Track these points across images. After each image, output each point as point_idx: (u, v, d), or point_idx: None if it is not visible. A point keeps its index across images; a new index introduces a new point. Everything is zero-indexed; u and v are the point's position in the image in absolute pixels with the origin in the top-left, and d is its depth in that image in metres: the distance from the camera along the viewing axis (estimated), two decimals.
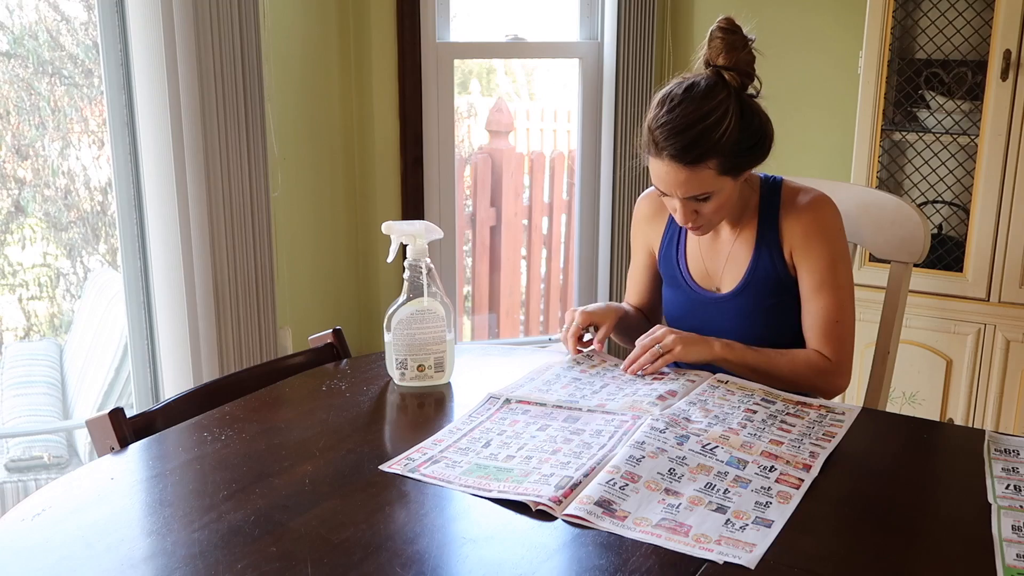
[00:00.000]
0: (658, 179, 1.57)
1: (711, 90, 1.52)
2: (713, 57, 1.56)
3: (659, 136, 1.52)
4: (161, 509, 1.16)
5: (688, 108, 1.51)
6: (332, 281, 3.08)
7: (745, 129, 1.53)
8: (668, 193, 1.57)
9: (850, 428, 1.40)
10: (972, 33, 2.56)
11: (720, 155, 1.51)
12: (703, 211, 1.59)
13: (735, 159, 1.53)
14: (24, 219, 3.03)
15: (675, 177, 1.53)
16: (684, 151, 1.50)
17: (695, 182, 1.53)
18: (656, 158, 1.54)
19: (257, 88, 2.46)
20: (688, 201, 1.57)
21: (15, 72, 2.78)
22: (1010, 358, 2.51)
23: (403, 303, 1.53)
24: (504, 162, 3.96)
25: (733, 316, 1.69)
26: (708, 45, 1.57)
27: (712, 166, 1.52)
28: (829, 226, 1.63)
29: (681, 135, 1.50)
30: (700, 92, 1.52)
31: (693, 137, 1.50)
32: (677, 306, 1.77)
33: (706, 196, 1.55)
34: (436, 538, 1.10)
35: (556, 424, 1.38)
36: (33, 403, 3.14)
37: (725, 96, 1.52)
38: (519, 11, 3.47)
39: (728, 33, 1.56)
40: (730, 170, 1.54)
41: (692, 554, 1.05)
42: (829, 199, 1.65)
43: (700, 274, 1.74)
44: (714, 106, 1.51)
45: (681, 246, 1.76)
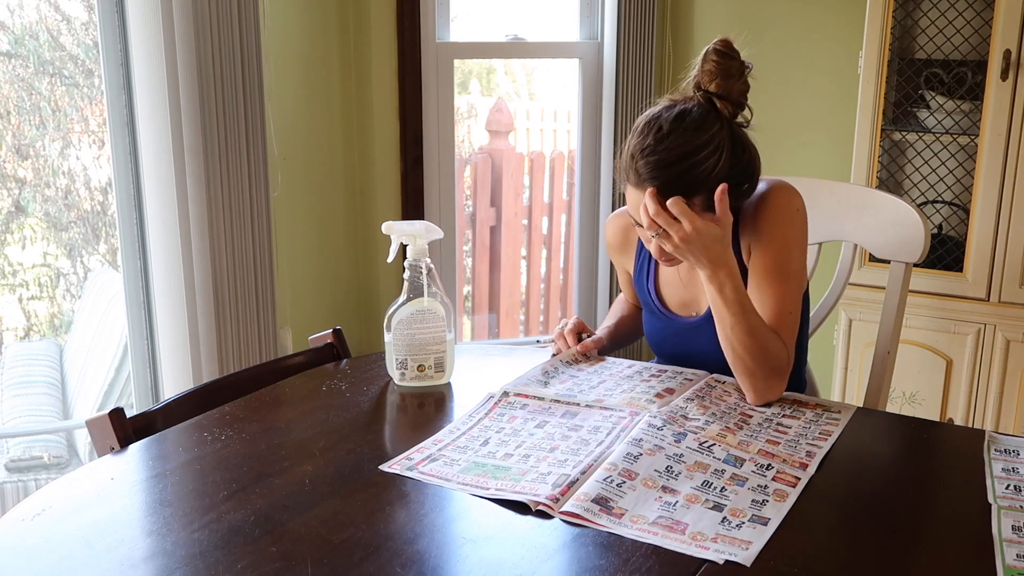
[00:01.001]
0: (635, 210, 1.45)
1: (703, 121, 1.42)
2: (706, 82, 1.44)
3: (643, 168, 1.41)
4: (161, 509, 1.16)
5: (677, 140, 1.41)
6: (332, 281, 3.08)
7: (735, 165, 1.44)
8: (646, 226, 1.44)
9: (850, 428, 1.40)
10: (972, 33, 2.56)
11: (707, 190, 1.41)
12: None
13: None
14: (24, 219, 3.03)
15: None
16: (669, 185, 1.40)
17: None
18: (637, 188, 1.43)
19: (257, 88, 2.46)
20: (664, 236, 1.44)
21: (16, 72, 2.78)
22: (1010, 358, 2.51)
23: (403, 303, 1.53)
24: (504, 162, 3.96)
25: (710, 340, 1.53)
26: (701, 67, 1.45)
27: (696, 203, 1.41)
28: (784, 210, 1.49)
29: (668, 169, 1.40)
30: (691, 124, 1.41)
31: (679, 172, 1.40)
32: (656, 332, 1.70)
33: None
34: (436, 538, 1.10)
35: (554, 420, 1.38)
36: (33, 403, 3.15)
37: (718, 129, 1.42)
38: (519, 11, 3.47)
39: (724, 58, 1.44)
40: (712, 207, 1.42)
41: (688, 552, 1.05)
42: (785, 184, 1.52)
43: (676, 300, 1.65)
44: (706, 140, 1.41)
45: (651, 274, 1.68)
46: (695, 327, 1.62)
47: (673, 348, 1.67)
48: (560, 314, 4.14)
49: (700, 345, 1.60)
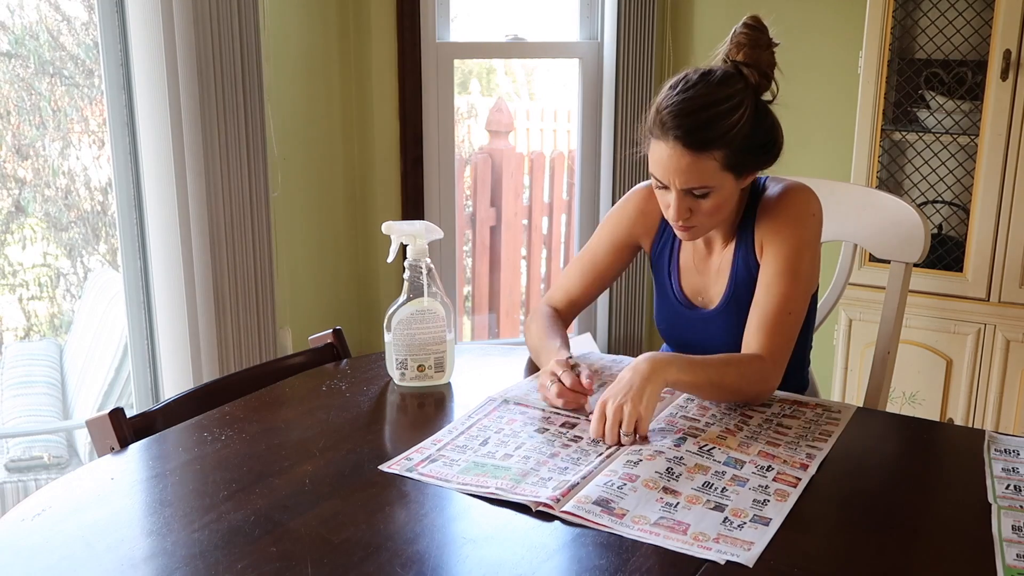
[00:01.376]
0: (658, 165, 1.47)
1: (728, 78, 1.46)
2: (733, 54, 1.49)
3: (667, 116, 1.43)
4: (161, 509, 1.16)
5: (702, 90, 1.44)
6: (332, 281, 3.08)
7: (757, 126, 1.47)
8: (665, 182, 1.47)
9: (850, 428, 1.40)
10: (972, 33, 2.56)
11: (727, 146, 1.43)
12: (698, 210, 1.48)
13: (742, 155, 1.45)
14: (24, 219, 3.03)
15: (677, 163, 1.44)
16: (691, 133, 1.42)
17: (696, 171, 1.44)
18: (660, 140, 1.45)
19: (257, 88, 2.46)
20: (685, 195, 1.47)
21: (16, 72, 2.78)
22: (1010, 358, 2.51)
23: (403, 303, 1.53)
24: (504, 162, 3.96)
25: (721, 332, 1.60)
26: (730, 42, 1.50)
27: (717, 157, 1.43)
28: (800, 211, 1.53)
29: (691, 116, 1.42)
30: (716, 78, 1.46)
31: (704, 120, 1.42)
32: (668, 317, 1.70)
33: (705, 191, 1.46)
34: (436, 538, 1.10)
35: (554, 428, 1.38)
36: (33, 403, 3.15)
37: (742, 87, 1.46)
38: (519, 11, 3.47)
39: (753, 30, 1.49)
40: (735, 166, 1.46)
41: (690, 553, 1.05)
42: (805, 187, 1.56)
43: (692, 290, 1.66)
44: (730, 93, 1.44)
45: (675, 257, 1.67)
46: (706, 319, 1.63)
47: (683, 336, 1.66)
48: None
49: (709, 336, 1.62)
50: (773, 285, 1.51)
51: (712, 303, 1.64)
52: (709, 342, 1.61)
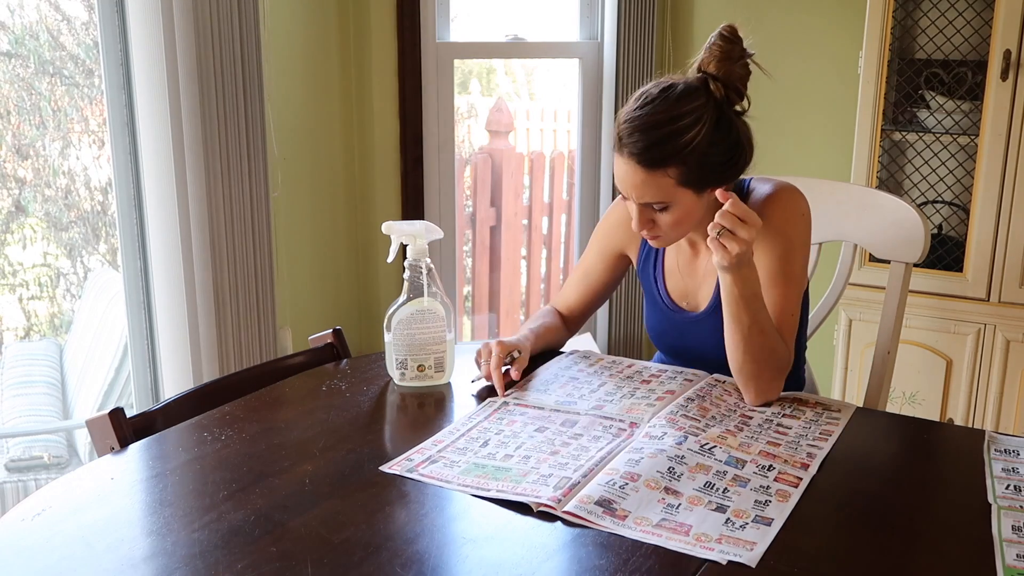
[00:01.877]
0: (617, 178, 1.48)
1: (688, 94, 1.44)
2: (705, 64, 1.48)
3: (623, 131, 1.44)
4: (161, 509, 1.16)
5: (660, 107, 1.43)
6: (332, 281, 3.08)
7: (717, 143, 1.44)
8: (625, 195, 1.49)
9: (850, 428, 1.40)
10: (972, 33, 2.56)
11: (682, 164, 1.42)
12: (660, 222, 1.49)
13: (699, 171, 1.44)
14: (24, 219, 3.03)
15: (632, 178, 1.45)
16: (644, 151, 1.42)
17: (652, 187, 1.44)
18: (618, 154, 1.46)
19: (257, 88, 2.46)
20: (644, 207, 1.48)
21: (16, 72, 2.78)
22: (1010, 358, 2.51)
23: (403, 303, 1.53)
24: (504, 162, 3.96)
25: (710, 334, 1.57)
26: (705, 51, 1.49)
27: (672, 175, 1.43)
28: (789, 214, 1.52)
29: (644, 134, 1.42)
30: (675, 95, 1.44)
31: (656, 139, 1.42)
32: (657, 323, 1.70)
33: (663, 206, 1.46)
34: (436, 538, 1.10)
35: (554, 428, 1.38)
36: (33, 403, 3.14)
37: (702, 104, 1.44)
38: (519, 11, 3.47)
39: (726, 42, 1.48)
40: (692, 183, 1.44)
41: (693, 553, 1.05)
42: (792, 187, 1.55)
43: (679, 293, 1.66)
44: (687, 111, 1.43)
45: (659, 263, 1.68)
46: (695, 322, 1.64)
47: (673, 341, 1.67)
48: None
49: (700, 340, 1.62)
50: (769, 288, 1.50)
51: (700, 306, 1.63)
52: (699, 345, 1.61)
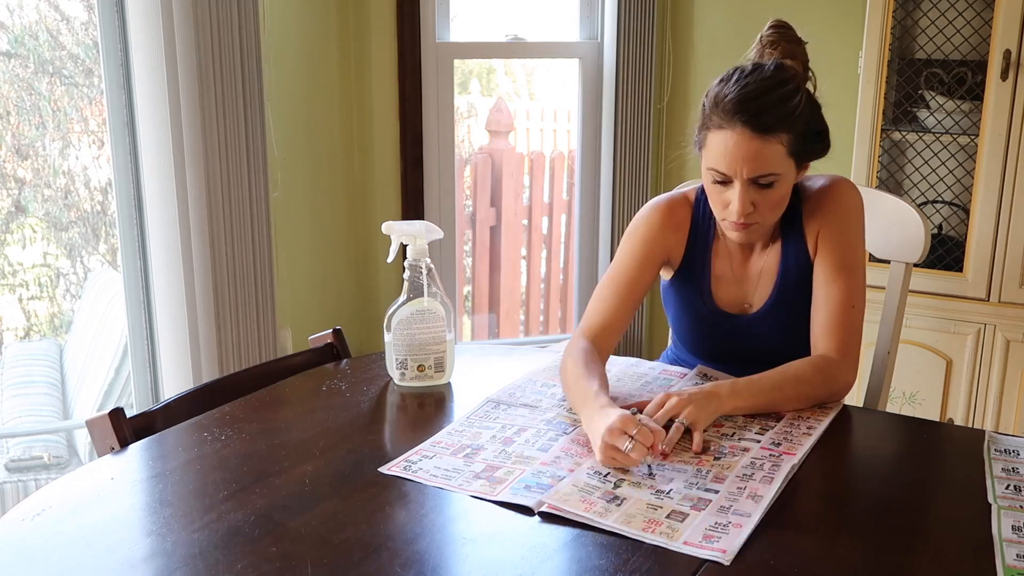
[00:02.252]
0: (722, 155, 1.43)
1: (781, 67, 1.46)
2: (769, 53, 1.50)
3: (730, 104, 1.41)
4: (161, 509, 1.16)
5: (762, 76, 1.44)
6: (332, 281, 3.08)
7: (814, 112, 1.47)
8: (730, 173, 1.43)
9: (850, 428, 1.40)
10: (972, 33, 2.56)
11: (791, 130, 1.42)
12: (761, 203, 1.45)
13: (804, 141, 1.45)
14: (24, 219, 3.03)
15: (744, 149, 1.41)
16: (757, 116, 1.40)
17: (765, 157, 1.42)
18: (724, 129, 1.42)
19: (257, 88, 2.46)
20: (749, 186, 1.44)
21: (15, 72, 2.78)
22: (1010, 358, 2.51)
23: (403, 303, 1.53)
24: (504, 162, 3.96)
25: (764, 336, 1.57)
26: (760, 45, 1.51)
27: (784, 141, 1.42)
28: (850, 206, 1.54)
29: (756, 100, 1.41)
30: (771, 67, 1.46)
31: (770, 103, 1.41)
32: (694, 330, 1.65)
33: (771, 180, 1.43)
34: (436, 538, 1.10)
35: (553, 432, 1.38)
36: (33, 403, 3.14)
37: (794, 74, 1.47)
38: (519, 11, 3.47)
39: (781, 29, 1.52)
40: (797, 153, 1.45)
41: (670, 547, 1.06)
42: (847, 180, 1.58)
43: (729, 298, 1.61)
44: (787, 78, 1.45)
45: (708, 267, 1.62)
46: (750, 323, 1.60)
47: (719, 345, 1.62)
48: (560, 314, 4.14)
49: (752, 342, 1.59)
50: (833, 282, 1.51)
51: (754, 307, 1.60)
52: (751, 348, 1.58)
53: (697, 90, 3.20)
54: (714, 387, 1.40)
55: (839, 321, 1.49)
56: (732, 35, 3.06)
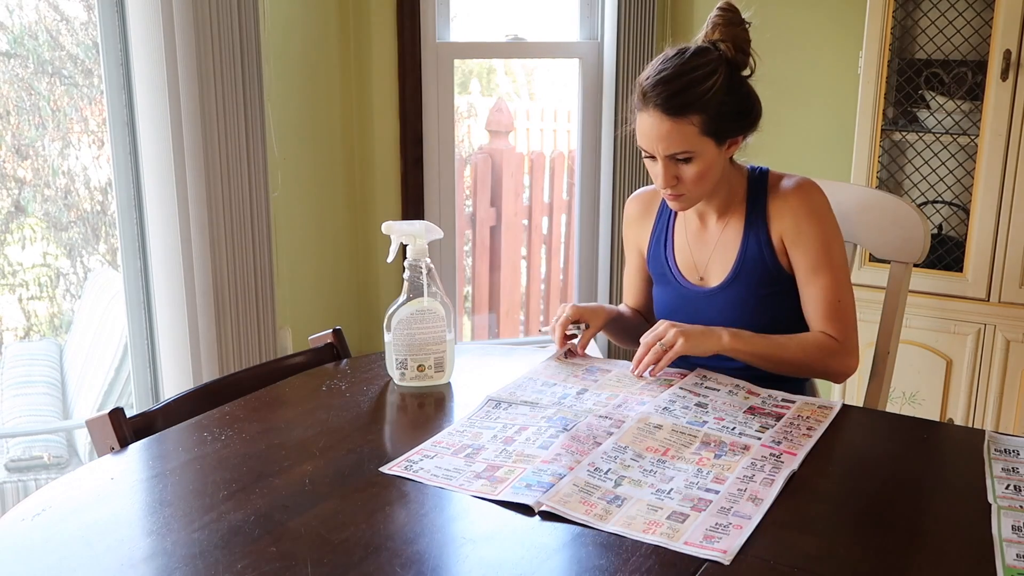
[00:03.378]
0: (643, 135, 1.58)
1: (701, 51, 1.56)
2: (710, 35, 1.59)
3: (647, 87, 1.55)
4: (161, 509, 1.16)
5: (677, 61, 1.55)
6: (332, 281, 3.08)
7: (732, 92, 1.56)
8: (650, 151, 1.58)
9: (850, 428, 1.40)
10: (972, 33, 2.56)
11: (704, 111, 1.53)
12: (684, 176, 1.58)
13: (719, 121, 1.54)
14: (24, 219, 3.03)
15: (658, 129, 1.54)
16: (668, 100, 1.52)
17: (677, 137, 1.54)
18: (643, 111, 1.56)
19: (257, 88, 2.46)
20: (669, 162, 1.57)
21: (15, 72, 2.78)
22: (1010, 358, 2.51)
23: (403, 303, 1.53)
24: (504, 162, 3.96)
25: (724, 309, 1.67)
26: (706, 26, 1.60)
27: (695, 122, 1.53)
28: (817, 207, 1.63)
29: (667, 84, 1.53)
30: (691, 52, 1.56)
31: (679, 87, 1.52)
32: (667, 303, 1.77)
33: (687, 156, 1.55)
34: (436, 538, 1.10)
35: (554, 430, 1.38)
36: (33, 403, 3.14)
37: (715, 58, 1.56)
38: (519, 11, 3.47)
39: (726, 11, 1.60)
40: (713, 132, 1.55)
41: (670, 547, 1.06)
42: (814, 183, 1.66)
43: (688, 268, 1.74)
44: (703, 63, 1.54)
45: (669, 242, 1.76)
46: (706, 296, 1.70)
47: (685, 317, 1.68)
48: None
49: (712, 314, 1.67)
50: (814, 282, 1.63)
51: (712, 280, 1.70)
52: (711, 319, 1.64)
53: None
54: (716, 328, 1.56)
55: (829, 314, 1.62)
56: None
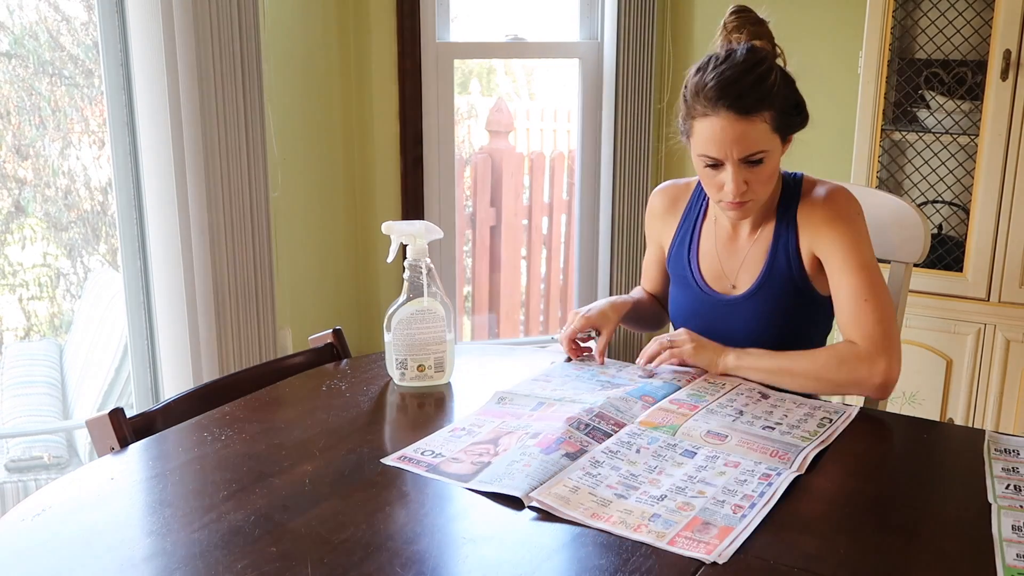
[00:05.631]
0: (710, 140, 1.50)
1: (752, 48, 1.51)
2: (735, 39, 1.54)
3: (711, 91, 1.47)
4: (161, 509, 1.16)
5: (735, 61, 1.49)
6: (332, 281, 3.08)
7: (789, 86, 1.53)
8: (720, 157, 1.50)
9: (850, 428, 1.40)
10: (972, 33, 2.56)
11: (773, 107, 1.48)
12: (754, 180, 1.51)
13: (785, 117, 1.51)
14: (24, 219, 3.03)
15: (732, 132, 1.47)
16: (739, 99, 1.46)
17: (752, 136, 1.48)
18: (709, 116, 1.49)
19: (257, 88, 2.46)
20: (741, 166, 1.50)
21: (15, 72, 2.78)
22: (1010, 358, 2.51)
23: (403, 303, 1.53)
24: (504, 162, 3.96)
25: (746, 318, 1.63)
26: (724, 31, 1.56)
27: (767, 119, 1.48)
28: (845, 214, 1.57)
29: (736, 84, 1.47)
30: (743, 50, 1.51)
31: (749, 84, 1.47)
32: (685, 307, 1.72)
33: (760, 156, 1.49)
34: (436, 538, 1.10)
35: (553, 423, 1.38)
36: (33, 403, 3.14)
37: (768, 53, 1.52)
38: (519, 11, 3.47)
39: (741, 12, 1.56)
40: (781, 127, 1.51)
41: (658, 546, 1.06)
42: (847, 190, 1.61)
43: (713, 275, 1.68)
44: (759, 59, 1.49)
45: (694, 245, 1.71)
46: (732, 304, 1.65)
47: (704, 324, 1.66)
48: (560, 314, 4.14)
49: (733, 322, 1.63)
50: (842, 283, 1.55)
51: (739, 288, 1.65)
52: (731, 328, 1.62)
53: None
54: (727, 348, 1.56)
55: (852, 318, 1.53)
56: None
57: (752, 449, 1.29)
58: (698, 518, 1.12)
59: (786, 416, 1.41)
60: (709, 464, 1.25)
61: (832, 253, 1.56)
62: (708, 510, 1.14)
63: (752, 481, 1.21)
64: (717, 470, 1.24)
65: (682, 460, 1.27)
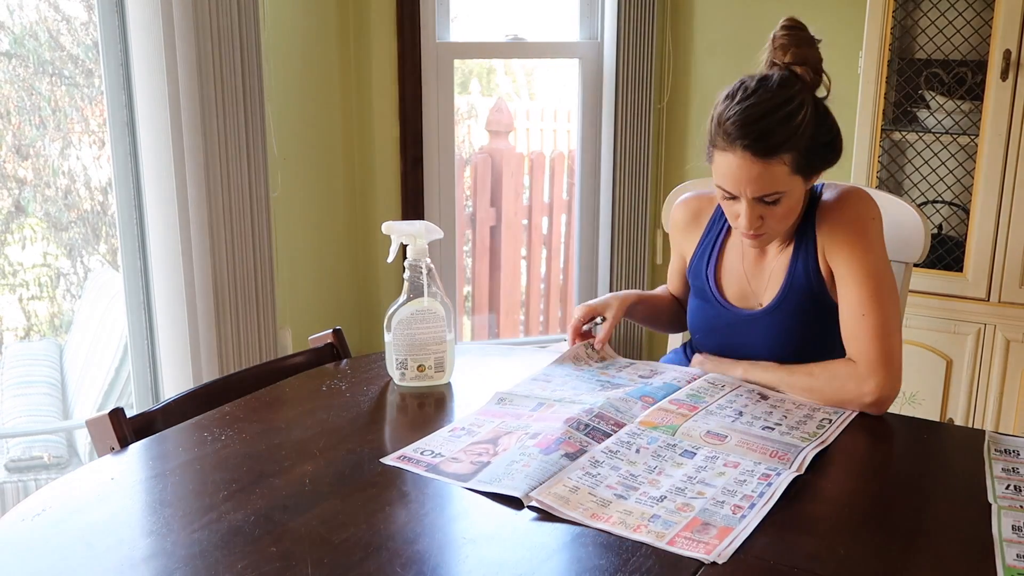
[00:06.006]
0: (726, 176, 1.45)
1: (786, 81, 1.44)
2: (780, 57, 1.47)
3: (731, 127, 1.41)
4: (161, 509, 1.16)
5: (764, 96, 1.42)
6: (332, 281, 3.08)
7: (820, 124, 1.45)
8: (735, 193, 1.46)
9: (850, 428, 1.40)
10: (972, 33, 2.56)
11: (795, 149, 1.42)
12: (769, 217, 1.47)
13: (810, 157, 1.44)
14: (24, 219, 3.03)
15: (747, 172, 1.42)
16: (759, 140, 1.40)
17: (767, 178, 1.42)
18: (727, 151, 1.43)
19: (257, 88, 2.46)
20: (756, 204, 1.45)
21: (15, 72, 2.78)
22: (1010, 358, 2.51)
23: (403, 303, 1.53)
24: (504, 162, 3.96)
25: (764, 333, 1.58)
26: (772, 46, 1.49)
27: (787, 161, 1.42)
28: (855, 215, 1.52)
29: (757, 124, 1.40)
30: (775, 82, 1.44)
31: (770, 127, 1.40)
32: (704, 320, 1.68)
33: (776, 197, 1.44)
34: (436, 538, 1.10)
35: (553, 423, 1.38)
36: (33, 403, 3.14)
37: (801, 88, 1.45)
38: (519, 11, 3.47)
39: (793, 30, 1.48)
40: (803, 169, 1.44)
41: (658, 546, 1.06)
42: (861, 190, 1.55)
43: (739, 293, 1.64)
44: (791, 95, 1.43)
45: (713, 259, 1.66)
46: (753, 319, 1.61)
47: (723, 338, 1.64)
48: (560, 314, 4.14)
49: (752, 337, 1.60)
50: (844, 296, 1.51)
51: (759, 304, 1.61)
52: (751, 344, 1.59)
53: (697, 90, 3.20)
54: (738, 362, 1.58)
55: (853, 332, 1.50)
56: (732, 35, 3.06)
57: (752, 449, 1.29)
58: (698, 519, 1.12)
59: (786, 417, 1.41)
60: (709, 464, 1.25)
61: (839, 262, 1.52)
62: (708, 510, 1.14)
63: (752, 481, 1.21)
64: (717, 470, 1.24)
65: (682, 460, 1.27)
